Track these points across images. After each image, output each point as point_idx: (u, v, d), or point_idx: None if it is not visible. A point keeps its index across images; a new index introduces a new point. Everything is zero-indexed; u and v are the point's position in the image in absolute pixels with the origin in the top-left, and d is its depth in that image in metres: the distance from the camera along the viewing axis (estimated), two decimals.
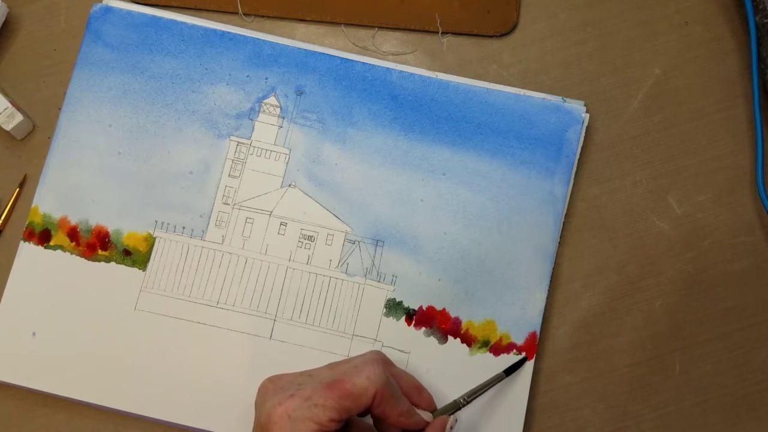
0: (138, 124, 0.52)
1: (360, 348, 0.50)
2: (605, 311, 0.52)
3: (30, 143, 0.54)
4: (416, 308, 0.51)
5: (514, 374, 0.49)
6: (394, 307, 0.51)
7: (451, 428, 0.44)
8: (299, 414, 0.39)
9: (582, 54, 0.55)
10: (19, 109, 0.52)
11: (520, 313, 0.50)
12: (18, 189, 0.53)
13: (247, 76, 0.53)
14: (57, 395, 0.49)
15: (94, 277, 0.50)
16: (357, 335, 0.50)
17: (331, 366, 0.43)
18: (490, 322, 0.50)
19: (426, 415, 0.44)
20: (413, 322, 0.51)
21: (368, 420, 0.45)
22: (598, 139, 0.54)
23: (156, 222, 0.51)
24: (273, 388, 0.42)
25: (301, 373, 0.43)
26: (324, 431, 0.39)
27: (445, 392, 0.49)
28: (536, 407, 0.51)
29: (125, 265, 0.51)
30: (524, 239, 0.51)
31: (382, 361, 0.43)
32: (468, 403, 0.46)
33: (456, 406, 0.46)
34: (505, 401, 0.49)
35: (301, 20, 0.55)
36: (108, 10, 0.53)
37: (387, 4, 0.55)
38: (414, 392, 0.45)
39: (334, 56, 0.53)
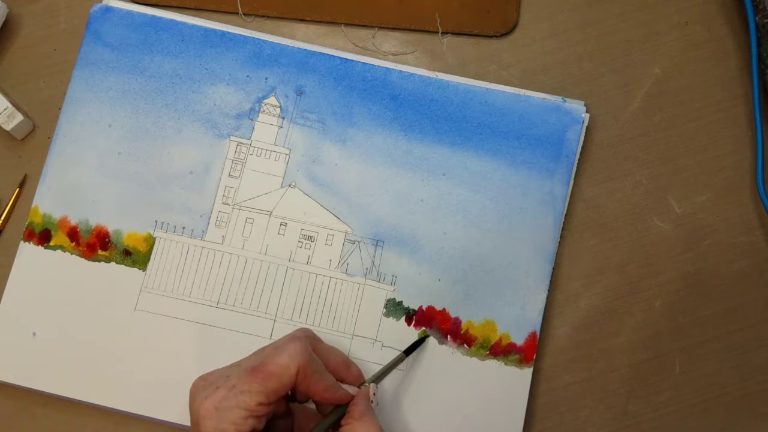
0: (138, 124, 0.52)
1: (360, 348, 0.50)
2: (605, 311, 0.52)
3: (30, 143, 0.54)
4: (416, 308, 0.51)
5: (514, 374, 0.49)
6: (394, 307, 0.51)
7: (374, 394, 0.44)
8: (226, 404, 0.39)
9: (582, 54, 0.55)
10: (19, 109, 0.52)
11: (520, 313, 0.50)
12: (18, 189, 0.53)
13: (247, 76, 0.53)
14: (57, 395, 0.49)
15: (94, 277, 0.50)
16: (357, 335, 0.50)
17: (257, 351, 0.43)
18: (490, 322, 0.50)
19: (352, 390, 0.44)
20: (413, 322, 0.50)
21: (311, 405, 0.45)
22: (598, 139, 0.54)
23: (156, 222, 0.51)
24: (202, 385, 0.42)
25: (230, 365, 0.43)
26: (255, 415, 0.40)
27: (445, 393, 0.49)
28: (536, 407, 0.51)
29: (125, 265, 0.51)
30: (524, 239, 0.51)
31: (304, 337, 0.44)
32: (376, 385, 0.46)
33: (373, 380, 0.46)
34: (505, 401, 0.49)
35: (301, 20, 0.55)
36: (108, 10, 0.53)
37: (387, 4, 0.55)
38: (342, 368, 0.46)
39: (334, 56, 0.53)
